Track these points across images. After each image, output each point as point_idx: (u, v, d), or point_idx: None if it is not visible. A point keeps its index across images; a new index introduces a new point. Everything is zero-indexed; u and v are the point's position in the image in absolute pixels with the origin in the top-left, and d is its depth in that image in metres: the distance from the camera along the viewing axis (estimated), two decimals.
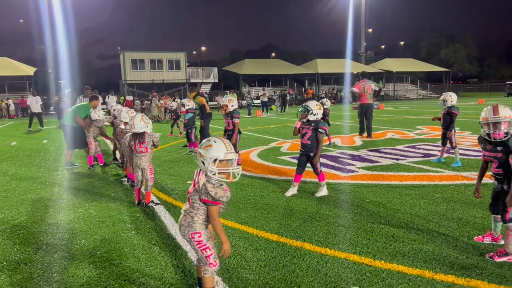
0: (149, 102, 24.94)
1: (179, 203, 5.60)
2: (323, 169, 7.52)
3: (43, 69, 39.82)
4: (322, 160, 8.46)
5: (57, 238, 4.43)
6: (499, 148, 3.50)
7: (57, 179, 7.53)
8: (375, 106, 30.11)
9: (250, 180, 6.91)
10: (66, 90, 33.17)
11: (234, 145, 7.72)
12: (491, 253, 3.56)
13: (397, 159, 8.35)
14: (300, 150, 5.88)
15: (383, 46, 78.79)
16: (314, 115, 5.61)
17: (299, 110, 5.80)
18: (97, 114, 8.39)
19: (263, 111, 27.80)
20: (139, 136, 5.40)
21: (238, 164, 7.55)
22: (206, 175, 2.79)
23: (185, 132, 10.55)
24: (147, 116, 5.64)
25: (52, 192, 6.55)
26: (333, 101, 43.29)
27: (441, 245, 3.87)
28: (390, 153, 9.16)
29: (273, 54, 73.01)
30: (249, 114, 26.39)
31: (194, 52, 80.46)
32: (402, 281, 3.20)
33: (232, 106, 7.71)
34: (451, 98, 7.66)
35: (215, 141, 2.82)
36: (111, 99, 23.65)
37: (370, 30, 65.37)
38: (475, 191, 3.91)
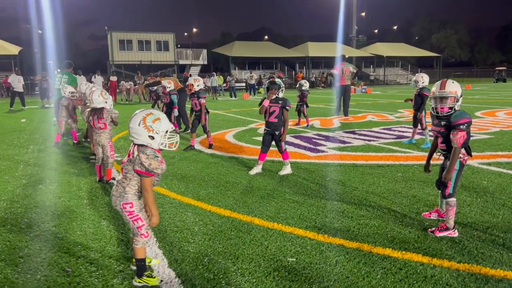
0: (134, 83, 24.70)
1: None
2: (294, 149, 7.57)
3: (29, 49, 39.12)
4: (296, 141, 8.48)
5: (8, 212, 4.39)
6: (442, 123, 3.50)
7: (25, 157, 7.44)
8: (363, 91, 30.21)
9: (218, 159, 6.89)
10: (56, 70, 32.70)
11: (204, 126, 7.69)
12: (433, 228, 3.60)
13: (369, 141, 8.37)
14: (265, 129, 5.82)
15: (376, 31, 78.39)
16: (282, 91, 5.62)
17: (266, 86, 5.75)
18: (65, 92, 8.24)
19: (250, 93, 27.68)
20: (97, 112, 5.33)
21: (210, 144, 7.48)
22: (139, 145, 2.75)
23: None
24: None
25: (16, 168, 6.49)
26: (323, 85, 43.24)
27: (387, 221, 3.90)
28: (365, 135, 9.19)
29: (266, 37, 72.27)
30: (231, 96, 26.32)
31: (186, 33, 79.53)
32: (340, 254, 3.23)
33: (198, 86, 7.64)
34: (423, 79, 7.65)
35: (159, 113, 2.80)
36: (97, 79, 23.36)
37: (363, 14, 64.94)
38: (424, 167, 3.93)
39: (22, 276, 2.97)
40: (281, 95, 5.70)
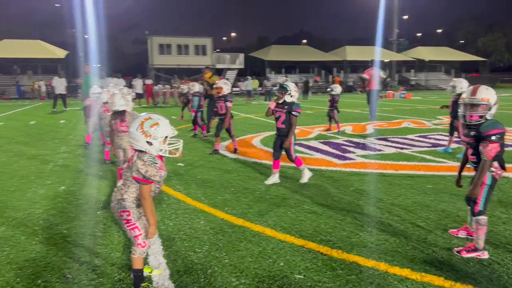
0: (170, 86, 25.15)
1: None
2: (321, 156, 7.32)
3: (75, 53, 40.80)
4: (324, 147, 8.21)
5: (27, 213, 4.44)
6: (472, 133, 3.18)
7: (55, 157, 7.62)
8: (402, 96, 29.28)
9: (241, 165, 6.75)
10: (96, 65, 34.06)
11: (228, 129, 7.58)
12: (460, 248, 3.27)
13: (402, 148, 7.96)
14: (276, 134, 5.58)
15: (419, 34, 75.96)
16: (291, 96, 5.31)
17: (276, 89, 5.53)
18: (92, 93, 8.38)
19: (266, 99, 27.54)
20: (120, 115, 5.32)
21: (235, 149, 7.25)
22: (138, 151, 2.65)
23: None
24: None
25: (44, 169, 6.63)
26: (360, 89, 42.25)
27: (409, 238, 3.60)
28: (398, 142, 8.76)
29: (305, 41, 71.72)
30: (266, 100, 26.18)
31: (224, 38, 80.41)
32: (352, 272, 2.98)
33: (227, 89, 7.54)
34: (461, 85, 7.17)
35: (158, 118, 2.68)
36: (137, 83, 23.95)
37: (405, 17, 63.13)
38: (455, 180, 3.61)
39: (24, 281, 2.94)
40: (291, 99, 5.35)
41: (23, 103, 27.97)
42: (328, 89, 11.12)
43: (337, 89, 10.86)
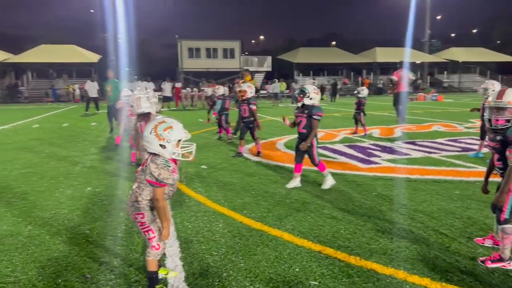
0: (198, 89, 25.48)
1: (182, 186, 5.58)
2: (345, 159, 7.21)
3: (107, 57, 42.05)
4: (349, 151, 8.09)
5: (53, 213, 4.58)
6: (498, 138, 3.05)
7: (84, 159, 7.85)
8: (434, 98, 28.49)
9: (263, 168, 6.74)
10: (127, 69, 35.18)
11: (252, 132, 7.60)
12: (485, 257, 3.13)
13: (430, 153, 7.73)
14: (298, 138, 5.53)
15: (453, 35, 73.76)
16: (311, 99, 5.22)
17: (295, 93, 5.48)
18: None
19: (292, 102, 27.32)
20: (145, 117, 5.44)
21: (258, 152, 7.19)
22: (152, 154, 2.68)
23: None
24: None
25: (73, 170, 6.84)
26: (390, 91, 41.44)
27: (432, 245, 3.48)
28: (426, 146, 8.52)
29: (334, 42, 70.96)
30: (293, 103, 26.02)
31: (253, 41, 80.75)
32: (369, 280, 2.91)
33: (250, 92, 7.56)
34: (493, 87, 6.90)
35: (172, 122, 2.71)
36: (166, 86, 24.40)
37: (438, 17, 61.51)
38: (482, 186, 3.47)
39: (45, 280, 3.03)
40: (310, 102, 5.23)
41: (58, 106, 29.05)
42: (355, 92, 10.96)
43: (364, 91, 10.68)
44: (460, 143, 8.89)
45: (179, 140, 2.66)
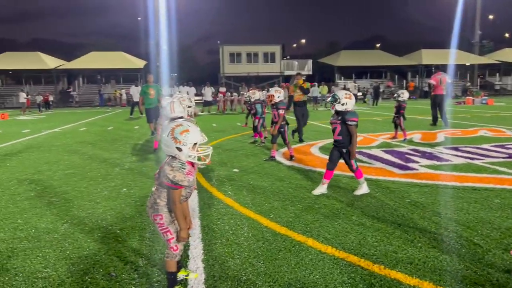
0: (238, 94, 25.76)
1: (213, 189, 5.66)
2: (381, 165, 7.02)
3: (151, 63, 43.53)
4: (386, 156, 7.87)
5: (89, 212, 4.79)
6: None
7: (123, 161, 8.15)
8: (483, 102, 27.14)
9: (294, 172, 6.70)
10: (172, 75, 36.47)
11: (283, 136, 7.57)
12: None
13: (472, 159, 7.36)
14: (333, 144, 5.42)
15: (507, 35, 69.92)
16: (342, 104, 5.09)
17: (328, 100, 5.37)
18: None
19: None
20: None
21: (291, 156, 7.12)
22: (170, 157, 2.74)
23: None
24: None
25: (112, 171, 7.12)
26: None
27: (463, 256, 3.31)
28: (469, 152, 8.12)
29: (378, 45, 69.35)
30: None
31: (294, 45, 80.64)
32: None
33: (278, 97, 7.54)
34: None
35: (188, 125, 2.76)
36: (207, 91, 24.91)
37: (491, 16, 58.62)
38: None
39: (73, 276, 3.17)
40: (342, 108, 5.09)
41: (106, 110, 30.38)
42: (395, 95, 10.64)
43: (404, 95, 10.34)
44: (507, 149, 8.40)
45: (195, 144, 2.70)
